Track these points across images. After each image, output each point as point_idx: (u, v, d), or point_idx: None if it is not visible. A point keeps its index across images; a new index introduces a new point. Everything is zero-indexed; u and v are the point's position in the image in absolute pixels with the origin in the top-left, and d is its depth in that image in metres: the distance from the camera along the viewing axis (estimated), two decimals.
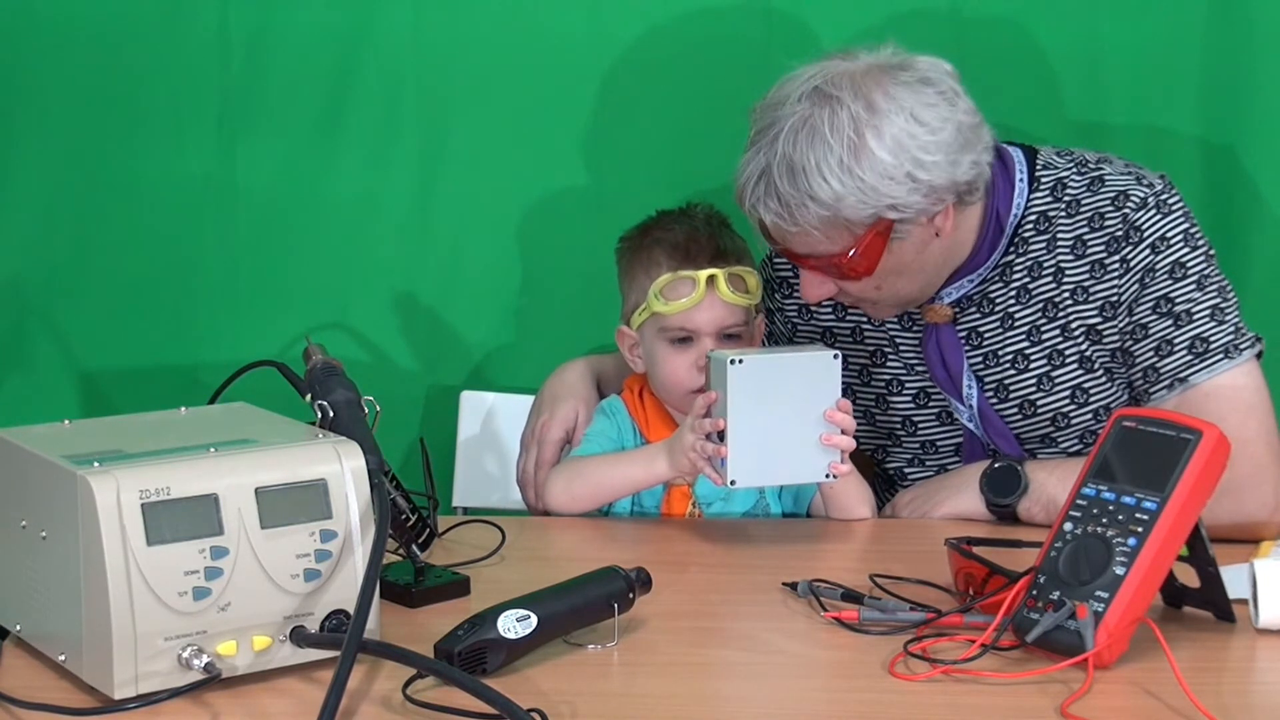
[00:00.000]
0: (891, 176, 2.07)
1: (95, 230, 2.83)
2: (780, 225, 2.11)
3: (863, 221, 2.09)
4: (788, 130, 2.08)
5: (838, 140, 2.06)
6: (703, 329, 2.24)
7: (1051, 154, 2.27)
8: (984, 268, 2.24)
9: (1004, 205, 2.22)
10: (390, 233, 2.82)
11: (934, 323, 2.27)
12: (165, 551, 1.56)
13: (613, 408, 2.37)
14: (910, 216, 2.10)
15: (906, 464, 2.39)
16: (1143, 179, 2.21)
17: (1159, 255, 2.18)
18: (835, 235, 2.10)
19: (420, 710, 1.57)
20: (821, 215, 2.08)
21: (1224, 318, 2.17)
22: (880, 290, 2.18)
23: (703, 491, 2.29)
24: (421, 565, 1.91)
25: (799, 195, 2.07)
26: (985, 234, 2.22)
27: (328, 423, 1.78)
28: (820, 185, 2.06)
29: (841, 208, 2.07)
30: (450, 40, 2.77)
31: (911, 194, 2.08)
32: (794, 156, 2.07)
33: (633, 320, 2.30)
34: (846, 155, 2.06)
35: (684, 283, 2.24)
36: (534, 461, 2.39)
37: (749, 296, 2.26)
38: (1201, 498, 1.70)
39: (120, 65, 2.78)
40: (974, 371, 2.27)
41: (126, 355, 2.84)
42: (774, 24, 2.70)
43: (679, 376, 2.26)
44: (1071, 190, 2.23)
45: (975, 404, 2.28)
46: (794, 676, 1.71)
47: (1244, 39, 2.66)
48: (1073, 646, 1.64)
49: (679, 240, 2.27)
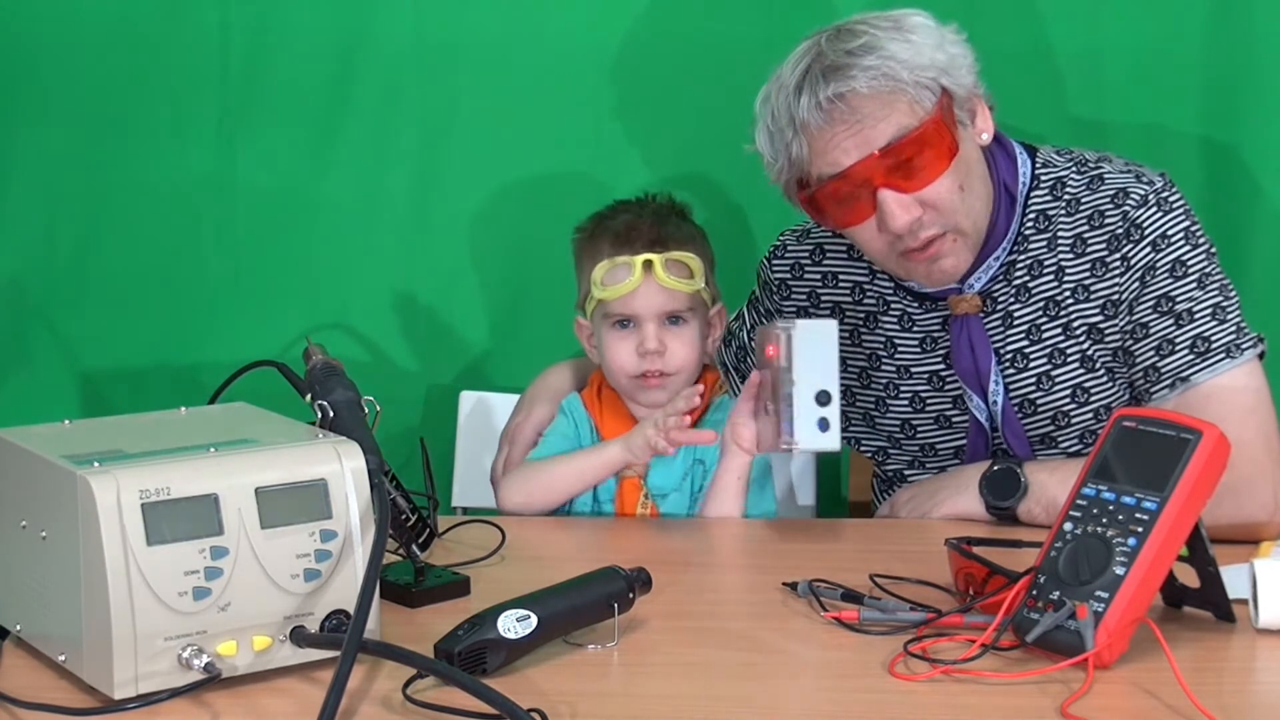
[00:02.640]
0: (936, 45, 2.13)
1: (95, 230, 2.83)
2: (875, 87, 2.09)
3: (931, 86, 2.11)
4: (824, 40, 2.13)
5: (874, 30, 2.13)
6: (642, 313, 2.29)
7: (1051, 153, 2.27)
8: (1006, 241, 2.23)
9: (1010, 178, 2.23)
10: (390, 233, 2.83)
11: (962, 314, 2.26)
12: (165, 551, 1.56)
13: (570, 405, 2.41)
14: (962, 95, 2.14)
15: (906, 466, 2.39)
16: (1143, 176, 2.21)
17: (1160, 253, 2.17)
18: (914, 103, 2.11)
19: (420, 710, 1.57)
20: (898, 74, 2.09)
21: (1226, 317, 2.17)
22: (963, 195, 2.15)
23: (654, 483, 2.32)
24: (421, 565, 1.91)
25: (879, 55, 2.09)
26: (998, 202, 2.22)
27: (328, 423, 1.78)
28: (891, 45, 2.10)
29: (914, 65, 2.10)
30: (450, 40, 2.77)
31: (954, 63, 2.13)
32: (850, 43, 2.11)
33: (585, 310, 2.35)
34: (889, 31, 2.12)
35: (621, 268, 2.29)
36: (503, 460, 2.43)
37: (690, 282, 2.29)
38: (1201, 498, 1.70)
39: (120, 65, 2.79)
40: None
41: (126, 355, 2.84)
42: (774, 22, 2.70)
43: (621, 360, 2.30)
44: (1071, 189, 2.23)
45: (1000, 401, 2.27)
46: (794, 676, 1.71)
47: (1245, 37, 2.66)
48: (1073, 646, 1.64)
49: (620, 228, 2.32)
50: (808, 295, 2.39)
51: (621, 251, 2.29)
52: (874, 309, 2.34)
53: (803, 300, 2.39)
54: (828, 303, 2.37)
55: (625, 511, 2.32)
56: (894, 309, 2.33)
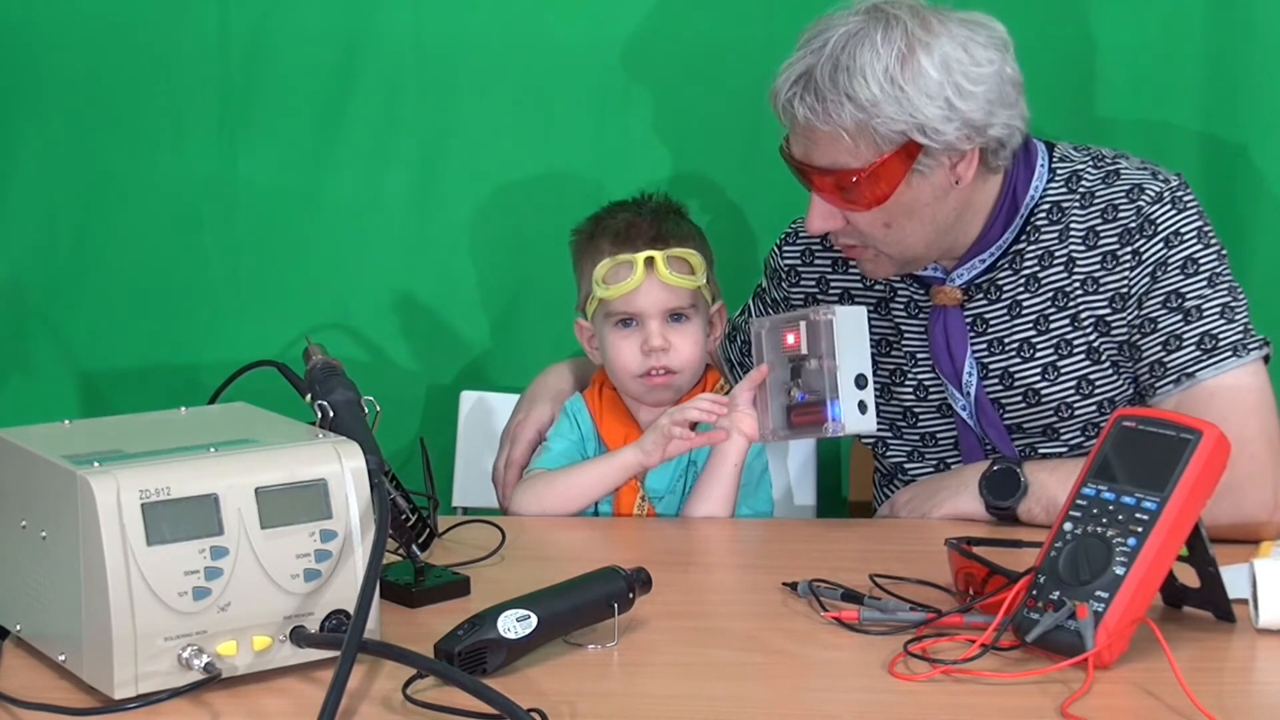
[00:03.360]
0: (931, 96, 2.08)
1: (95, 230, 2.83)
2: (811, 121, 2.10)
3: (891, 138, 2.09)
4: (839, 36, 2.11)
5: (888, 50, 2.08)
6: (645, 311, 2.29)
7: (1068, 148, 2.28)
8: (995, 247, 2.23)
9: (1022, 187, 2.23)
10: (390, 233, 2.83)
11: (942, 305, 2.27)
12: (165, 551, 1.56)
13: (573, 406, 2.40)
14: (938, 148, 2.11)
15: (906, 458, 2.39)
16: (1158, 174, 2.22)
17: (1172, 250, 2.18)
18: (861, 147, 2.10)
19: (420, 710, 1.57)
20: (855, 118, 2.08)
21: (1234, 316, 2.17)
22: (889, 230, 2.16)
23: (651, 484, 2.31)
24: (421, 565, 1.91)
25: (836, 93, 2.08)
26: (1000, 211, 2.22)
27: (328, 423, 1.78)
28: (861, 87, 2.07)
29: (875, 115, 2.08)
30: (450, 40, 2.77)
31: (945, 121, 2.09)
32: (840, 58, 2.09)
33: (587, 311, 2.34)
34: (893, 64, 2.08)
35: (623, 267, 2.28)
36: (504, 460, 2.42)
37: (692, 278, 2.29)
38: (1201, 498, 1.70)
39: (120, 65, 2.79)
40: (978, 358, 2.27)
41: (126, 355, 2.84)
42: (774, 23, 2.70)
43: (625, 359, 2.30)
44: (1087, 182, 2.23)
45: (974, 393, 2.28)
46: (794, 676, 1.71)
47: (1246, 35, 2.66)
48: (1073, 646, 1.64)
49: (620, 227, 2.32)
50: (817, 281, 2.39)
51: (622, 250, 2.29)
52: (883, 295, 2.34)
53: (812, 286, 2.39)
54: (837, 288, 2.37)
55: (622, 513, 2.32)
56: (901, 295, 2.33)
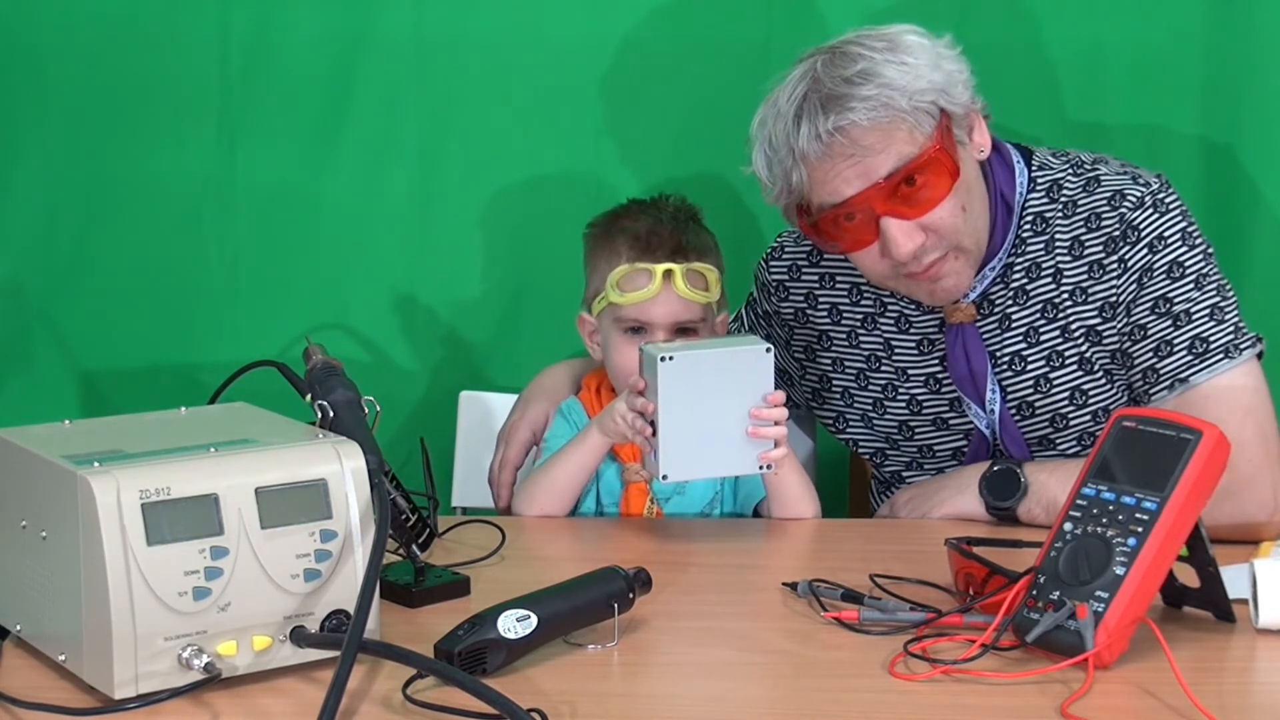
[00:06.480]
0: (930, 64, 2.11)
1: (95, 230, 2.83)
2: (856, 124, 2.08)
3: (927, 109, 2.10)
4: (819, 65, 2.11)
5: (870, 53, 2.11)
6: (656, 322, 2.26)
7: (1047, 154, 2.27)
8: (1002, 251, 2.23)
9: (1007, 188, 2.23)
10: (390, 233, 2.82)
11: (958, 322, 2.26)
12: (165, 551, 1.56)
13: (570, 408, 2.39)
14: (959, 112, 2.13)
15: (904, 468, 2.39)
16: (1139, 178, 2.21)
17: (1156, 255, 2.17)
18: (912, 122, 2.09)
19: (420, 710, 1.57)
20: (888, 96, 2.07)
21: (1223, 317, 2.17)
22: (965, 215, 2.14)
23: (660, 488, 2.29)
24: (421, 565, 1.91)
25: (857, 87, 2.08)
26: (995, 214, 2.22)
27: (328, 423, 1.78)
28: (874, 75, 2.08)
29: (902, 90, 2.08)
30: (450, 41, 2.77)
31: (951, 83, 2.12)
32: (834, 73, 2.10)
33: (593, 308, 2.32)
34: (884, 54, 2.10)
35: (641, 275, 2.25)
36: (499, 461, 2.41)
37: (707, 294, 2.26)
38: (1201, 498, 1.70)
39: (120, 65, 2.78)
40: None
41: (126, 355, 2.84)
42: (774, 24, 2.70)
43: (629, 367, 2.26)
44: (1068, 191, 2.23)
45: (998, 409, 2.27)
46: (794, 676, 1.71)
47: (1244, 38, 2.66)
48: (1073, 646, 1.64)
49: (641, 232, 2.28)
50: (805, 296, 2.39)
51: (642, 258, 2.25)
52: (871, 310, 2.34)
53: (800, 301, 2.39)
54: (825, 304, 2.37)
55: (631, 514, 2.31)
56: (891, 310, 2.33)
